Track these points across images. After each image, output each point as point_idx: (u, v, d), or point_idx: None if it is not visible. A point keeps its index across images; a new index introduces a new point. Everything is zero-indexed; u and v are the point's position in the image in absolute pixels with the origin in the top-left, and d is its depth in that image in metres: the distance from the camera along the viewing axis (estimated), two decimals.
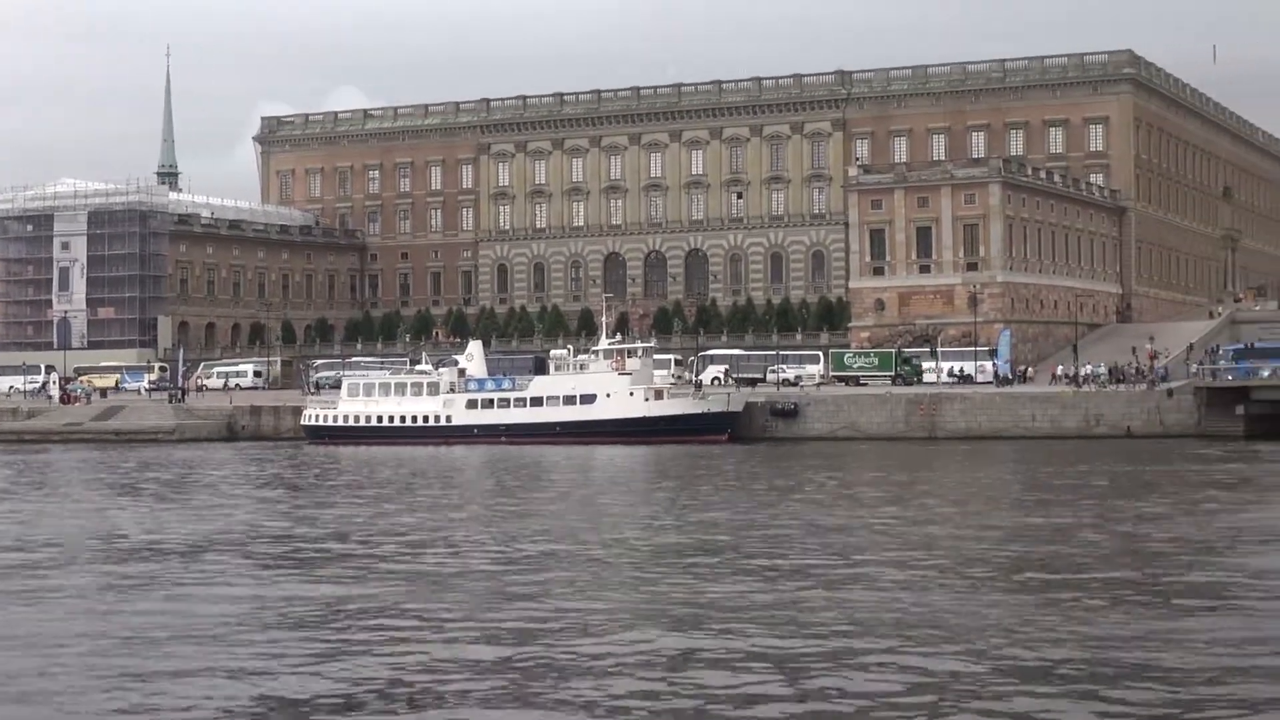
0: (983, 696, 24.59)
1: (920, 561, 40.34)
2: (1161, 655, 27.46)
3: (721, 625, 30.87)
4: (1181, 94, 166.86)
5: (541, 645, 29.05)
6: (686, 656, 27.85)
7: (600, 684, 25.72)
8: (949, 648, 28.31)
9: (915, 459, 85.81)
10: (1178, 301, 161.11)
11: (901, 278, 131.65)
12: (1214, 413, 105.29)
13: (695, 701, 24.49)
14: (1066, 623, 30.80)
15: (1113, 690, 24.85)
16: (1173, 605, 33.18)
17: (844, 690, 25.12)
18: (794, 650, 28.25)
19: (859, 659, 27.43)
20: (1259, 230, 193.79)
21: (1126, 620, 31.04)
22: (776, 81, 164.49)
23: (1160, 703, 24.05)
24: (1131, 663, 26.90)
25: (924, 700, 24.43)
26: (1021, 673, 26.21)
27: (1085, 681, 25.54)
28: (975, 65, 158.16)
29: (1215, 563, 40.09)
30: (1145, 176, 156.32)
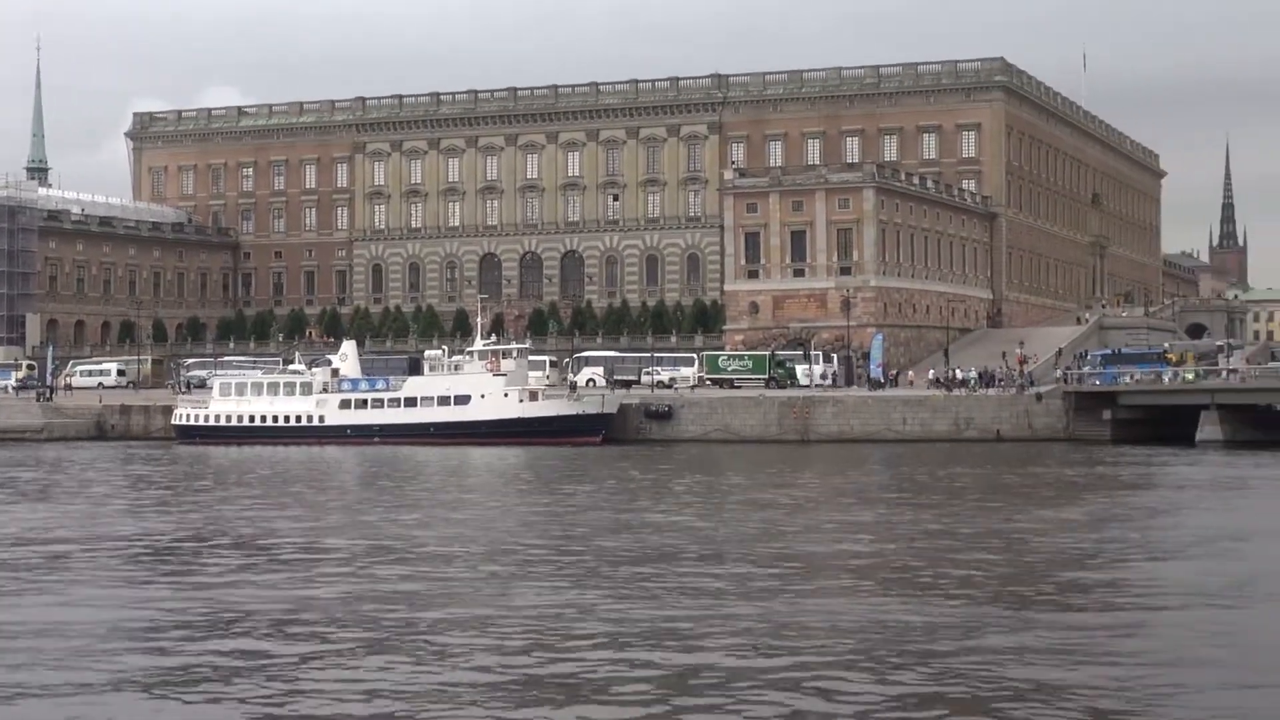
0: (837, 697, 24.82)
1: (787, 564, 40.61)
2: (1013, 653, 27.88)
3: (582, 630, 30.91)
4: (1052, 102, 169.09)
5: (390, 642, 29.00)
6: (544, 659, 27.87)
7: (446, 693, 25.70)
8: (805, 645, 28.55)
9: (786, 461, 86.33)
10: (1047, 307, 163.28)
11: (776, 281, 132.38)
12: (1082, 417, 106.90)
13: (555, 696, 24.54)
14: (917, 622, 31.15)
15: (970, 688, 25.21)
16: (1031, 606, 33.67)
17: (692, 691, 25.26)
18: (650, 656, 28.34)
19: (704, 665, 27.58)
20: (1127, 237, 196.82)
21: (982, 620, 31.45)
22: (653, 84, 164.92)
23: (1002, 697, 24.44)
24: (985, 661, 27.28)
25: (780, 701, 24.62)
26: (872, 671, 26.49)
27: (935, 683, 25.86)
28: (850, 70, 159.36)
29: (1068, 563, 40.74)
30: (1016, 183, 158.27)
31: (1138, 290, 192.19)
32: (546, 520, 53.00)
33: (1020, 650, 28.51)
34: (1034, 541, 45.92)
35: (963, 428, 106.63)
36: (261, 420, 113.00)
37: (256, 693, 25.39)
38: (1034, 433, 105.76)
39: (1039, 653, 28.30)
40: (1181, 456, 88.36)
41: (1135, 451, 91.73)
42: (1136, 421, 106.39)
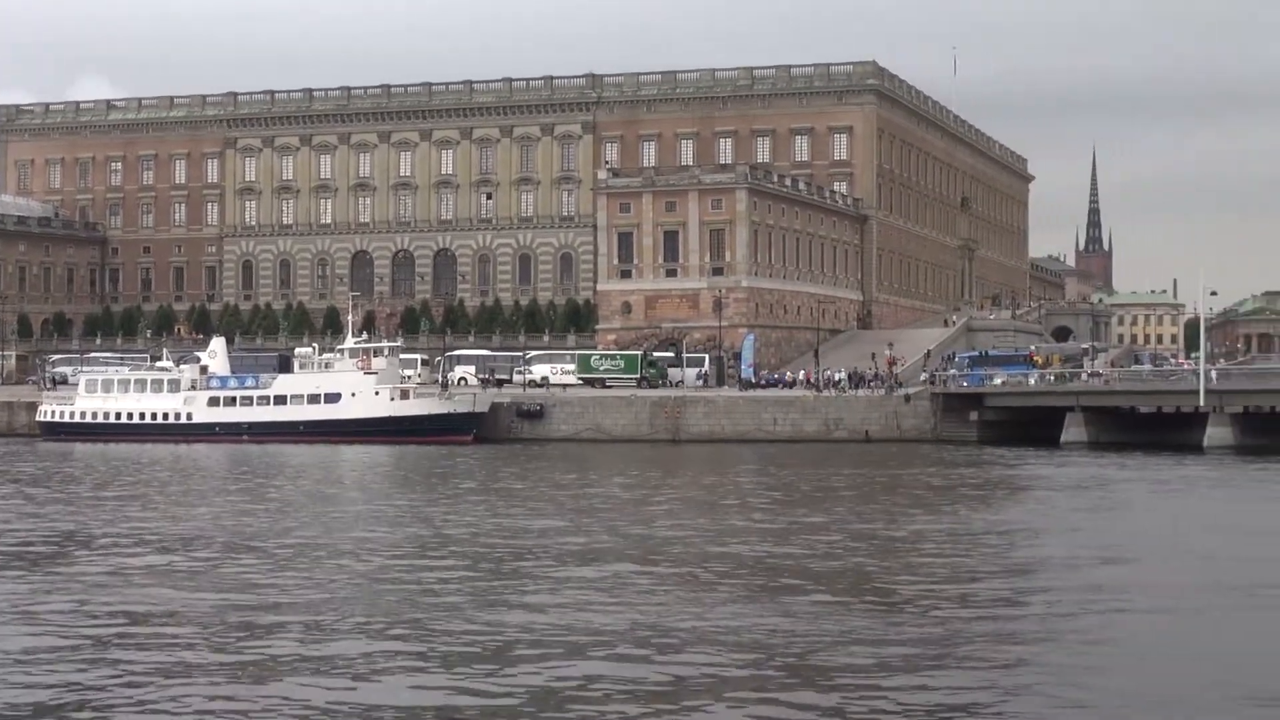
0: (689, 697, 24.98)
1: (652, 564, 40.77)
2: (868, 651, 28.20)
3: (441, 629, 30.89)
4: (923, 106, 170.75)
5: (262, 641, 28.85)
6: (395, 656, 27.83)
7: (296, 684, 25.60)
8: (671, 645, 28.70)
9: (656, 461, 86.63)
10: (916, 309, 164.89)
11: (648, 281, 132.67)
12: (949, 418, 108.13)
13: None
14: (780, 623, 31.41)
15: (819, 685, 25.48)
16: (885, 606, 34.05)
17: (553, 691, 25.33)
18: (507, 656, 28.39)
19: (561, 661, 27.67)
20: (995, 240, 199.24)
21: (844, 620, 31.77)
22: (527, 83, 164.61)
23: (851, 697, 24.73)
24: (840, 659, 27.58)
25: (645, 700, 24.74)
26: (734, 673, 26.69)
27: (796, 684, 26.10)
28: (724, 72, 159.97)
29: (925, 563, 41.24)
30: (887, 186, 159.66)
31: (1005, 293, 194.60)
32: (407, 519, 52.82)
33: (884, 653, 28.83)
34: (899, 544, 46.41)
35: (832, 428, 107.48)
36: (128, 417, 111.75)
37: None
38: (902, 434, 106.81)
39: (904, 656, 28.64)
40: (1046, 458, 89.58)
41: (1001, 453, 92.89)
42: (1003, 423, 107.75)
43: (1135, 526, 52.79)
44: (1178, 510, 59.29)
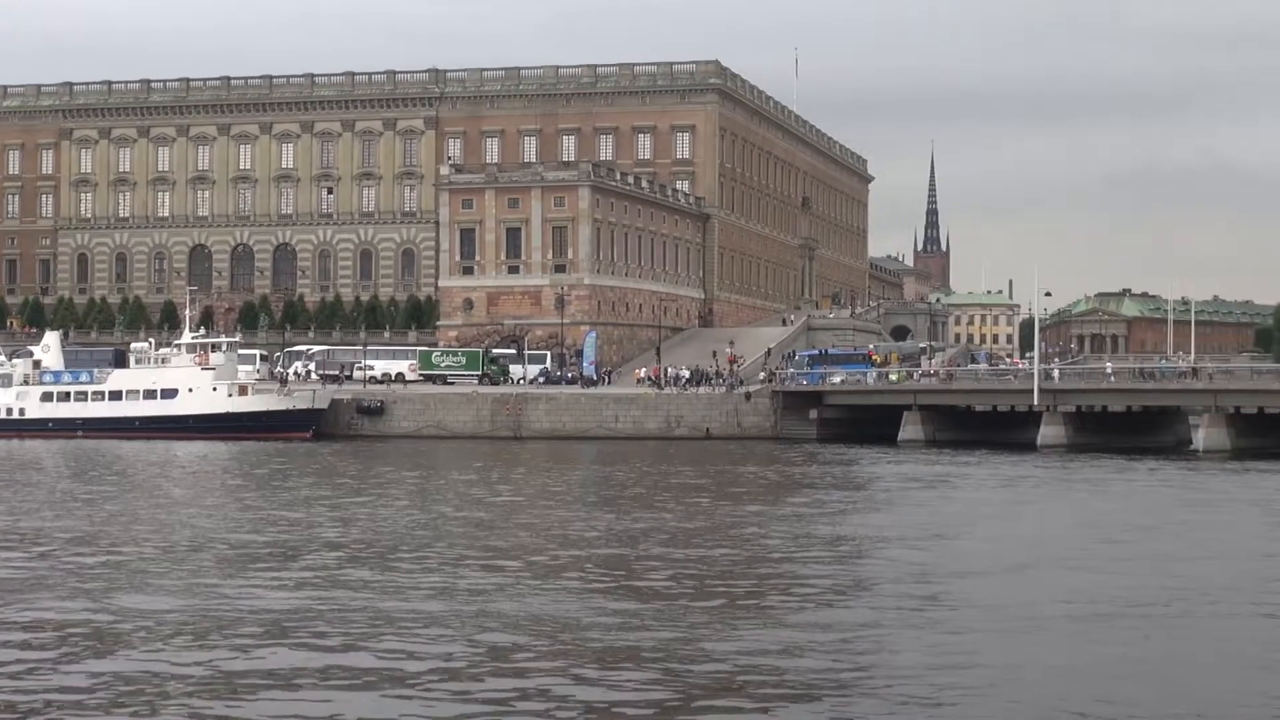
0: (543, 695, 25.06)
1: (499, 560, 40.78)
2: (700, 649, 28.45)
3: (274, 633, 30.70)
4: (765, 106, 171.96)
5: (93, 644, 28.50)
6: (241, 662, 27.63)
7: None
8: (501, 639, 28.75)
9: (497, 458, 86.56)
10: (757, 307, 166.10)
11: (491, 278, 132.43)
12: (789, 416, 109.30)
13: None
14: (614, 619, 31.57)
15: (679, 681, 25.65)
16: (729, 605, 34.31)
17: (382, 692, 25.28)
18: (338, 658, 28.29)
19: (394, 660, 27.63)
20: (835, 240, 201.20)
21: (683, 617, 31.99)
22: (370, 77, 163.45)
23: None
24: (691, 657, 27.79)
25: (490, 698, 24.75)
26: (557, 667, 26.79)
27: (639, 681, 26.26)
28: (567, 70, 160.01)
29: (758, 560, 41.62)
30: (729, 185, 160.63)
31: (845, 292, 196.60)
32: (243, 516, 52.37)
33: (717, 646, 29.06)
34: (736, 538, 46.76)
35: (673, 426, 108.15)
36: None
37: None
38: (743, 431, 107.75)
39: (738, 650, 28.88)
40: (882, 456, 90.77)
41: (839, 450, 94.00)
42: (842, 421, 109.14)
43: (961, 522, 53.59)
44: (1014, 509, 60.33)
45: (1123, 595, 35.47)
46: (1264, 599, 35.45)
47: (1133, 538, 48.54)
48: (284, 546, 43.69)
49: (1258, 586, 37.58)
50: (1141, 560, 42.79)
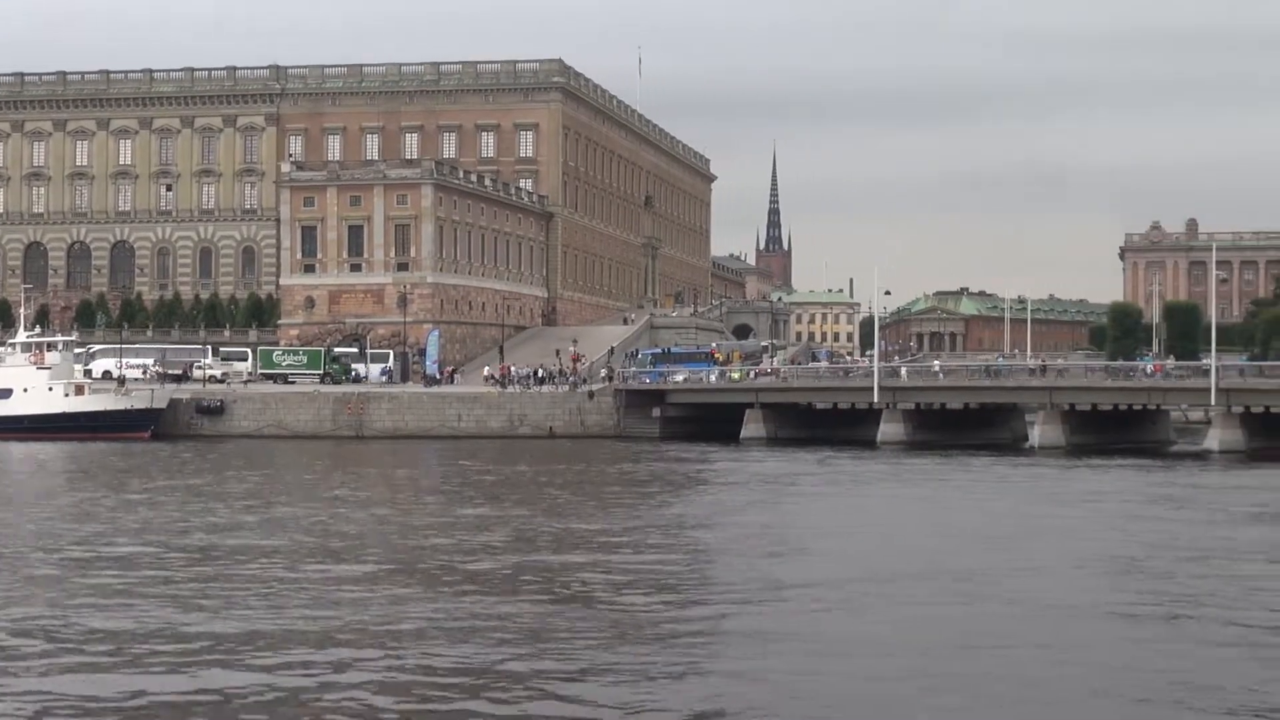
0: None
1: (338, 562, 40.63)
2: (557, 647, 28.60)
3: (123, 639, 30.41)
4: (608, 105, 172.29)
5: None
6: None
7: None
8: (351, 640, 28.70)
9: (336, 457, 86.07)
10: (601, 306, 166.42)
11: (333, 276, 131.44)
12: (632, 414, 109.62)
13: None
14: (467, 619, 31.64)
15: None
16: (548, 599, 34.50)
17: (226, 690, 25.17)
18: (180, 657, 28.10)
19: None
20: (678, 238, 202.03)
21: (523, 614, 32.12)
22: (209, 73, 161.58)
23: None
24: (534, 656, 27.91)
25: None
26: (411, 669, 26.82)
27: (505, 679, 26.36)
28: (410, 67, 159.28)
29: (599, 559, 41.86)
30: (572, 183, 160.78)
31: (688, 291, 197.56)
32: (73, 520, 51.69)
33: (547, 646, 29.22)
34: (566, 538, 46.96)
35: (517, 425, 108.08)
36: None
37: None
38: (586, 430, 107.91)
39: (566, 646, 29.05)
40: (724, 453, 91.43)
41: (681, 449, 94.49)
42: (685, 419, 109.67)
43: (796, 520, 54.18)
44: (848, 504, 61.08)
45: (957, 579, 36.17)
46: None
47: (964, 532, 49.45)
48: (99, 550, 43.21)
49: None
50: (973, 548, 43.64)
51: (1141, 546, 45.46)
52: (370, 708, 24.28)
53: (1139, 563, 41.93)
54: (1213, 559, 42.75)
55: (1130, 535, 48.66)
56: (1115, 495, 64.02)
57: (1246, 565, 41.72)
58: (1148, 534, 48.81)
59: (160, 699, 24.86)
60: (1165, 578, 38.96)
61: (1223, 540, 47.33)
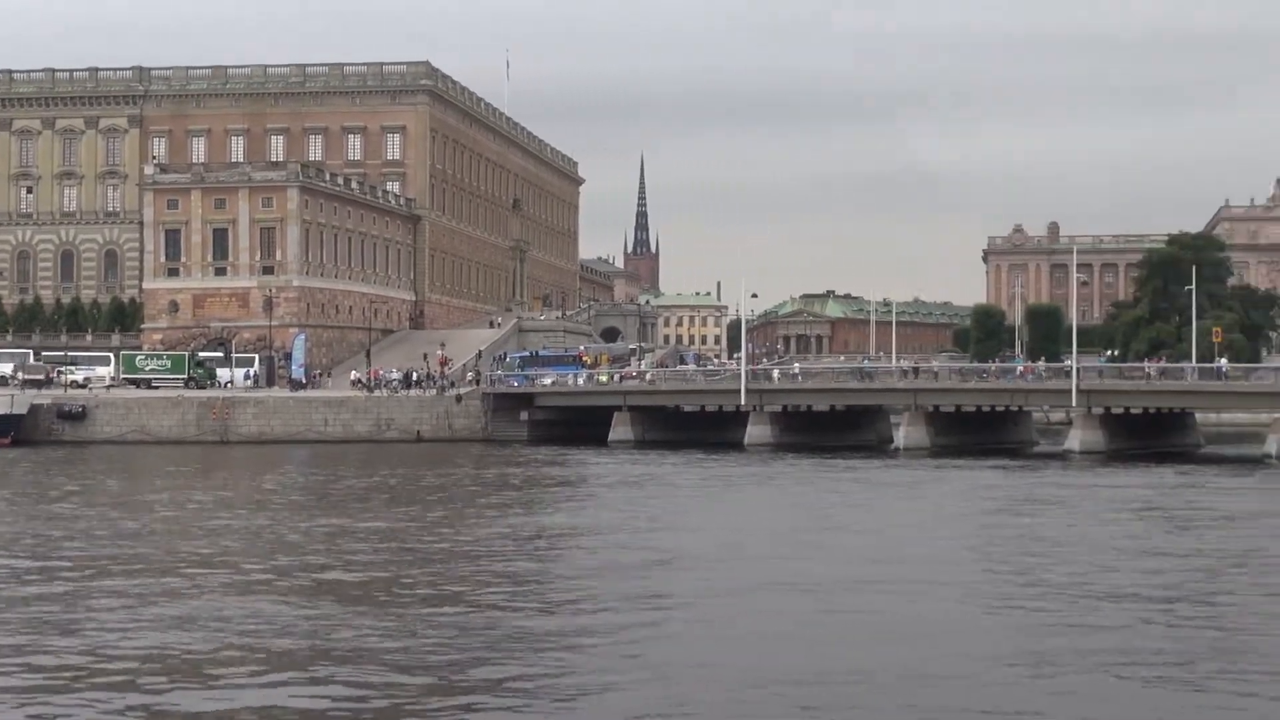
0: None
1: (203, 566, 40.34)
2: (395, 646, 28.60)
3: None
4: (476, 107, 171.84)
5: None
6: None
7: None
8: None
9: (201, 462, 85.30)
10: (468, 309, 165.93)
11: (197, 279, 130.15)
12: (500, 418, 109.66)
13: None
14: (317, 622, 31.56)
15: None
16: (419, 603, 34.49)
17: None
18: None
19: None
20: (546, 241, 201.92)
21: (381, 616, 32.09)
22: (71, 74, 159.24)
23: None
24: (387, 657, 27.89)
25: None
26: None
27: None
28: (276, 68, 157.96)
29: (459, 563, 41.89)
30: (440, 186, 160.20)
31: (556, 294, 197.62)
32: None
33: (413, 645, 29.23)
34: (428, 543, 46.91)
35: (384, 429, 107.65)
36: None
37: None
38: (454, 434, 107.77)
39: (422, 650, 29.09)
40: (591, 456, 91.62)
41: (549, 452, 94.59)
42: (553, 422, 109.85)
43: (660, 522, 54.48)
44: (715, 506, 61.50)
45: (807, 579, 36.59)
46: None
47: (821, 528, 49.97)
48: None
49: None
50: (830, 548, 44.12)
51: (975, 546, 46.22)
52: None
53: (977, 561, 42.71)
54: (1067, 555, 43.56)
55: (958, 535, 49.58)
56: (959, 496, 64.99)
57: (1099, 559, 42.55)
58: (974, 534, 49.71)
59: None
60: (994, 575, 39.65)
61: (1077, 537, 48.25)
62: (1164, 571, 40.70)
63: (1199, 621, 33.20)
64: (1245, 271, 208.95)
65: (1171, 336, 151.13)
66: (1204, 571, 40.94)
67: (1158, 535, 50.02)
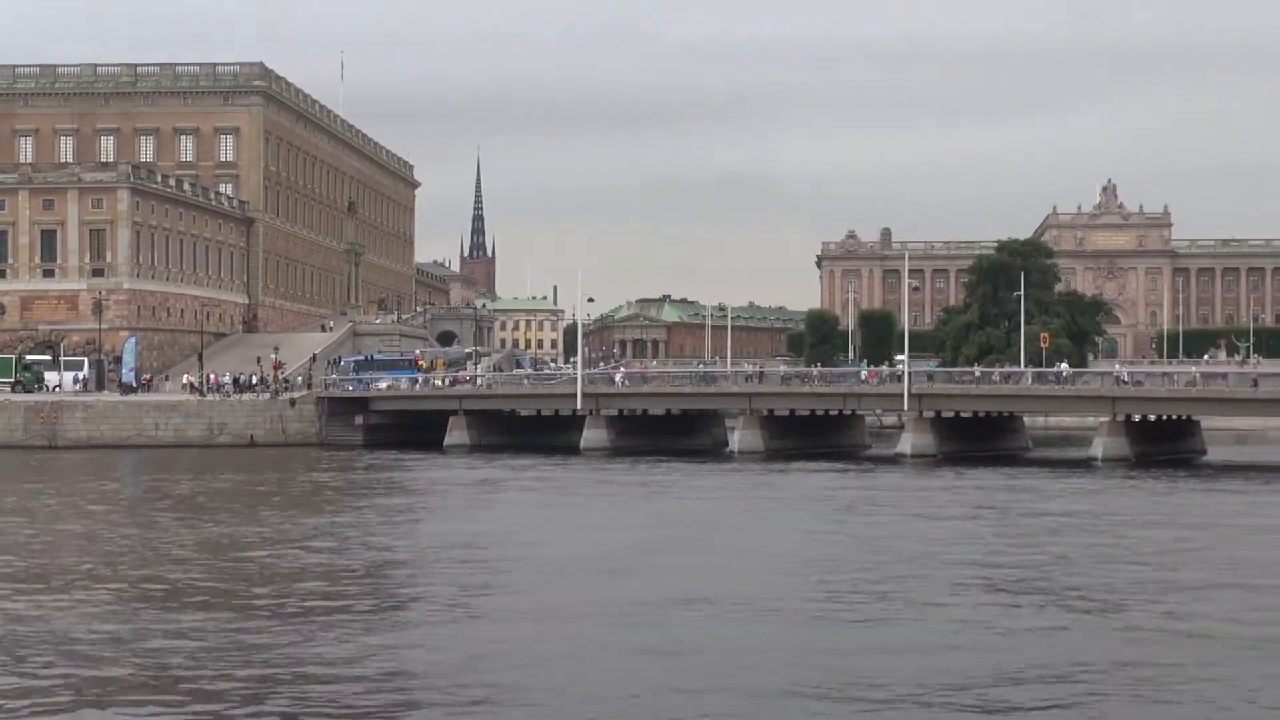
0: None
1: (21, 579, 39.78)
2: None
3: None
4: (311, 109, 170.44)
5: None
6: None
7: None
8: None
9: (22, 469, 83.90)
10: (303, 312, 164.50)
11: (24, 281, 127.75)
12: (335, 422, 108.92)
13: None
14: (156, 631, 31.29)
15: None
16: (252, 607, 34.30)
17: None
18: None
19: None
20: (382, 245, 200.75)
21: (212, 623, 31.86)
22: None
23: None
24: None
25: None
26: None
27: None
28: (106, 68, 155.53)
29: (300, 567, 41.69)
30: (274, 189, 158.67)
31: (392, 298, 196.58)
32: None
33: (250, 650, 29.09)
34: (251, 548, 46.62)
35: (216, 433, 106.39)
36: None
37: None
38: (288, 438, 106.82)
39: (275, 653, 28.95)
40: (426, 461, 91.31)
41: (383, 456, 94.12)
42: (388, 426, 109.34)
43: (486, 526, 54.55)
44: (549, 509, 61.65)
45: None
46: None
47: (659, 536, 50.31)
48: None
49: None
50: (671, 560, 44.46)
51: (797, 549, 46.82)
52: None
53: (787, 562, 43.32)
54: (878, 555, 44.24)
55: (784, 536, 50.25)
56: (789, 499, 65.78)
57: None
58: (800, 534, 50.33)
59: None
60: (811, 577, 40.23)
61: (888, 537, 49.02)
62: (987, 571, 41.47)
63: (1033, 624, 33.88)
64: (1072, 278, 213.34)
65: (1001, 341, 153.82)
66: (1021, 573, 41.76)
67: (988, 538, 50.89)
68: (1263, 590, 38.51)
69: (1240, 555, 45.46)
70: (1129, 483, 74.87)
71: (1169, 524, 54.35)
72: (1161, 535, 50.68)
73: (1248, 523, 55.90)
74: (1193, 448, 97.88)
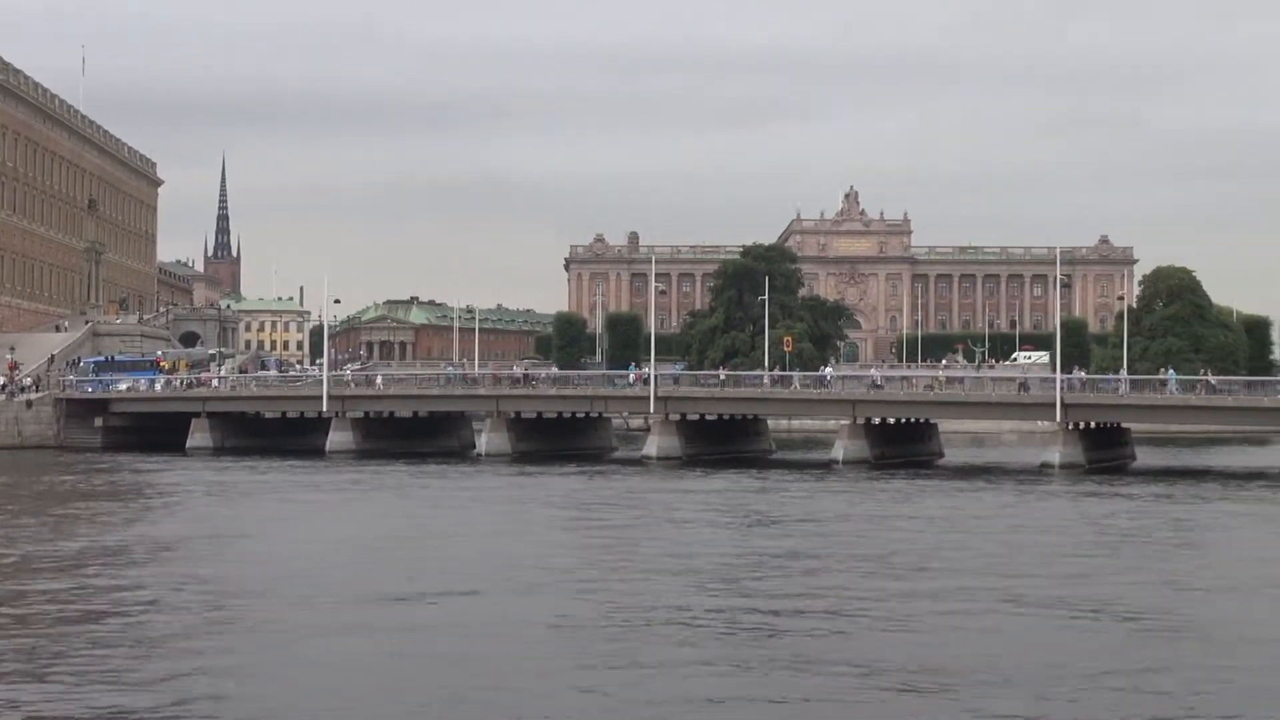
0: None
1: None
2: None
3: None
4: (49, 104, 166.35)
5: None
6: None
7: None
8: None
9: None
10: (40, 312, 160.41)
11: None
12: (74, 425, 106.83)
13: None
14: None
15: None
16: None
17: None
18: None
19: None
20: (124, 244, 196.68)
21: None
22: None
23: None
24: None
25: None
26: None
27: None
28: None
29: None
30: (10, 184, 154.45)
31: (133, 298, 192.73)
32: None
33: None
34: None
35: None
36: None
37: None
38: (24, 441, 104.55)
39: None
40: (167, 464, 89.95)
41: (123, 459, 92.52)
42: (130, 429, 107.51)
43: (218, 529, 54.10)
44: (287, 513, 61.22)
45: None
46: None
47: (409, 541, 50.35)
48: None
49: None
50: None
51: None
52: None
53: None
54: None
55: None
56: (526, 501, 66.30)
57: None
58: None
59: None
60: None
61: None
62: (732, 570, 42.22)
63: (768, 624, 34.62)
64: (815, 283, 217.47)
65: (745, 345, 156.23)
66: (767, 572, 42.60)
67: (731, 536, 51.76)
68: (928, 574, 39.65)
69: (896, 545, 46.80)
70: (862, 484, 76.49)
71: (884, 523, 55.90)
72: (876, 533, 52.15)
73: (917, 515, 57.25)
74: (931, 450, 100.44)
